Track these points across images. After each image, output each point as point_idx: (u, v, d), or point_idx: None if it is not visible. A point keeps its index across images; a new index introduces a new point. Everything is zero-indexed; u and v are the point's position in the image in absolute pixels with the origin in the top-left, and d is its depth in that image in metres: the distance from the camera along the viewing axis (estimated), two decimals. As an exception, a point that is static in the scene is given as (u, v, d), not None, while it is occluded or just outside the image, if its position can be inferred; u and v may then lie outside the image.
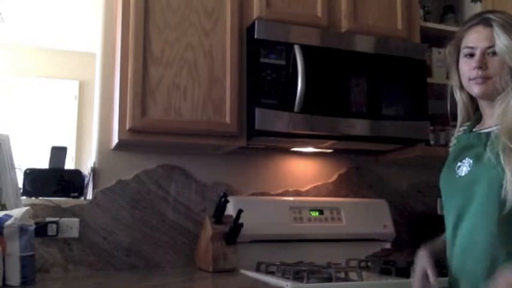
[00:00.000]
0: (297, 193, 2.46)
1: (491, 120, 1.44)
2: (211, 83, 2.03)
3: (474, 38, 1.44)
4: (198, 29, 2.04)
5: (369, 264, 2.10)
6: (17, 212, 1.64)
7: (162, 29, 1.99)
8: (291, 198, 2.39)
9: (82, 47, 4.97)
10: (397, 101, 2.22)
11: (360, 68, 2.18)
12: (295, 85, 2.00)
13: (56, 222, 2.03)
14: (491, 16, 1.42)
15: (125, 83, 1.93)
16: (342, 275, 1.83)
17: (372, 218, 2.42)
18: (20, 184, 1.98)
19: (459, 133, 1.55)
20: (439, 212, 2.51)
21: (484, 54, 1.41)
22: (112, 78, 2.15)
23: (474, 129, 1.50)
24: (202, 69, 2.02)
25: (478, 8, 2.56)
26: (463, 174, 1.42)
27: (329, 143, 2.25)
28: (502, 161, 1.30)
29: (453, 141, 1.58)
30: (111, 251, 2.11)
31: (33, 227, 1.66)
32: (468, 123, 1.53)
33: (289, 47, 2.04)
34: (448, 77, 1.63)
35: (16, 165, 1.90)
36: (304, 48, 2.04)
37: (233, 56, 2.06)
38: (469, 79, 1.44)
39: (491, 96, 1.43)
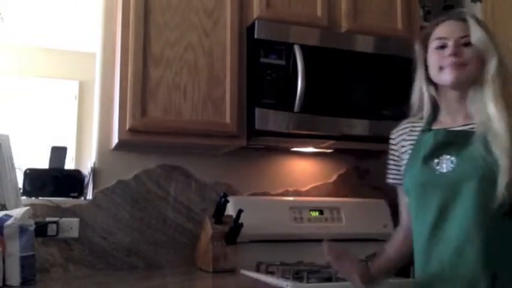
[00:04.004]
0: (297, 193, 2.46)
1: (461, 117, 1.41)
2: (211, 82, 2.03)
3: (446, 30, 1.42)
4: (198, 28, 2.04)
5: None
6: (17, 212, 1.64)
7: (162, 29, 1.99)
8: (291, 198, 2.39)
9: (82, 47, 4.97)
10: (397, 101, 2.22)
11: (360, 68, 2.18)
12: (295, 85, 2.00)
13: (56, 222, 2.03)
14: (463, 10, 1.43)
15: (125, 83, 1.93)
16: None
17: (372, 218, 2.41)
18: (20, 184, 1.98)
19: (417, 128, 1.53)
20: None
21: (458, 44, 1.39)
22: (112, 78, 2.15)
23: (434, 126, 1.47)
24: (203, 69, 2.02)
25: (478, 8, 2.56)
26: (444, 170, 1.37)
27: (329, 143, 2.25)
28: (497, 158, 1.28)
29: (411, 135, 1.54)
30: (111, 251, 2.11)
31: (33, 227, 1.66)
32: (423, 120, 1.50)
33: (289, 47, 2.04)
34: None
35: (16, 165, 1.90)
36: (304, 48, 2.04)
37: (233, 56, 2.06)
38: (440, 67, 1.41)
39: (463, 86, 1.40)
